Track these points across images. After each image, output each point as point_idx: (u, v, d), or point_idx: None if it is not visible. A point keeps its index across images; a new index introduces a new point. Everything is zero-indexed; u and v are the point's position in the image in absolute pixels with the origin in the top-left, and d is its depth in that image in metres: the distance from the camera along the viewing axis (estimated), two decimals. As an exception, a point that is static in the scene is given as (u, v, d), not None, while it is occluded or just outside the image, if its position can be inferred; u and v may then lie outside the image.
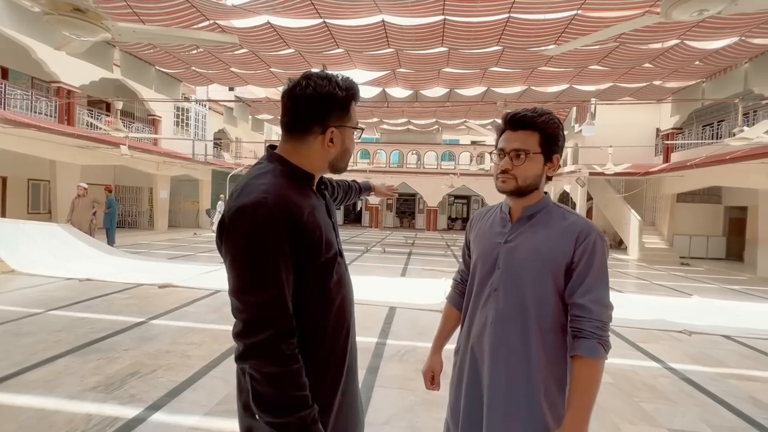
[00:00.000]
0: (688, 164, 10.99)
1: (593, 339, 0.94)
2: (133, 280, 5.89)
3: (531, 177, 1.04)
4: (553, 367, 1.00)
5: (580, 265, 0.97)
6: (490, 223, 1.16)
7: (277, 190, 0.82)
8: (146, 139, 13.90)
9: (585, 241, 0.97)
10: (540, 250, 1.01)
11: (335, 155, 0.94)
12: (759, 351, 3.92)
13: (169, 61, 10.05)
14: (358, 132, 0.99)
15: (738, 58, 8.45)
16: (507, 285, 1.04)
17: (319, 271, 0.88)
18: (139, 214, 16.86)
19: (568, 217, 1.04)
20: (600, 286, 0.96)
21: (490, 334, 1.04)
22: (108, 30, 2.02)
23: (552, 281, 0.99)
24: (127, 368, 2.92)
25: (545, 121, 1.03)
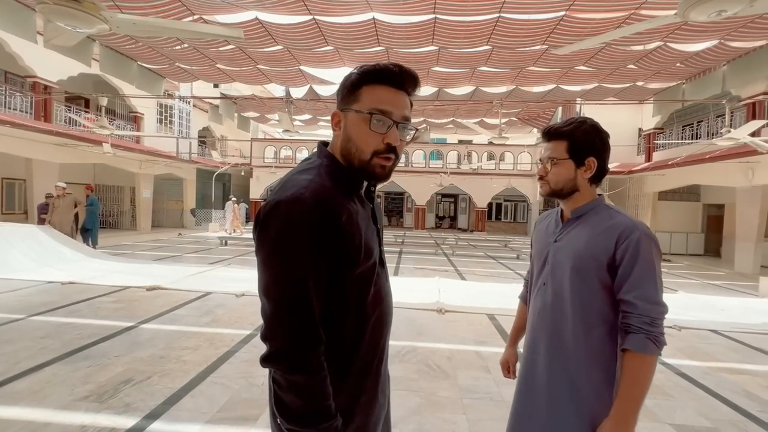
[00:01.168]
0: (669, 163, 11.32)
1: (641, 334, 0.97)
2: (119, 283, 5.70)
3: (562, 181, 1.13)
4: (599, 359, 1.04)
5: (623, 262, 1.01)
6: (546, 225, 1.26)
7: (317, 187, 0.76)
8: (128, 136, 13.48)
9: (627, 240, 1.01)
10: (582, 249, 1.07)
11: (341, 143, 0.84)
12: (746, 345, 4.06)
13: (151, 56, 9.75)
14: (379, 119, 0.80)
15: (717, 60, 8.73)
16: (553, 281, 1.12)
17: (356, 282, 0.81)
18: (121, 214, 16.36)
19: (615, 217, 1.08)
20: (646, 282, 0.99)
21: (539, 326, 1.15)
22: (106, 21, 1.91)
23: (596, 278, 1.04)
24: (120, 375, 2.81)
25: (572, 129, 1.11)
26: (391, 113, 0.81)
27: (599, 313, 1.05)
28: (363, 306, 0.83)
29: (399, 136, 0.83)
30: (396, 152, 0.84)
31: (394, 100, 0.82)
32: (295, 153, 23.38)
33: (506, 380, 2.97)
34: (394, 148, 0.83)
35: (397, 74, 0.82)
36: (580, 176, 1.12)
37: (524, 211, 23.61)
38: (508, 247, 13.32)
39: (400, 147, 0.84)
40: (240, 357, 3.23)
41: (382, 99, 0.81)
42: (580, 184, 1.13)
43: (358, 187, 0.87)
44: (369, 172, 0.83)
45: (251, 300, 5.11)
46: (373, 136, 0.81)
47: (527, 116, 16.04)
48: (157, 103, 16.11)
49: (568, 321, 1.08)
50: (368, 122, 0.80)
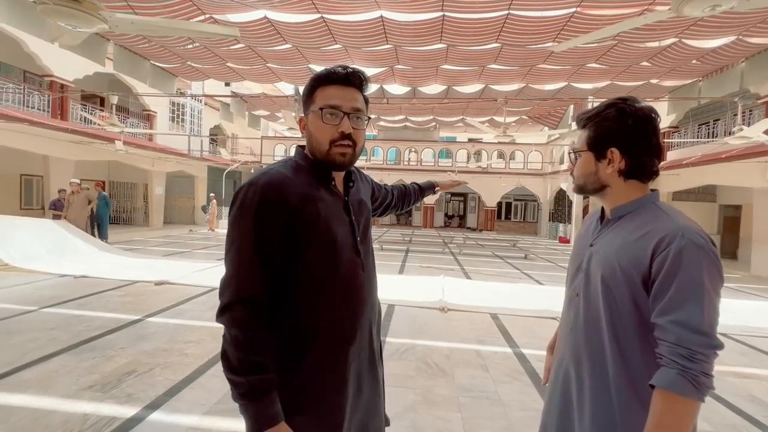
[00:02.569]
0: (684, 163, 11.06)
1: (672, 368, 0.77)
2: (128, 277, 5.83)
3: (583, 176, 0.99)
4: (638, 387, 0.85)
5: (659, 277, 0.80)
6: (588, 224, 1.09)
7: (273, 175, 0.89)
8: (141, 134, 13.75)
9: (667, 249, 0.80)
10: (612, 258, 0.89)
11: (306, 142, 0.97)
12: (755, 348, 3.95)
13: (164, 56, 9.92)
14: (331, 113, 0.91)
15: (735, 57, 8.49)
16: (586, 291, 0.96)
17: (313, 262, 0.89)
18: (134, 211, 16.71)
19: (659, 219, 0.87)
20: (688, 304, 0.78)
21: (571, 340, 0.99)
22: (105, 21, 1.96)
23: (629, 293, 0.86)
24: (124, 367, 2.88)
25: (594, 114, 0.95)
26: (341, 106, 0.91)
27: (635, 333, 0.86)
28: (323, 288, 0.90)
29: (351, 125, 0.92)
30: (352, 139, 0.93)
31: (342, 96, 0.92)
32: (305, 151, 23.54)
33: (504, 379, 2.96)
34: (349, 135, 0.92)
35: (342, 74, 0.93)
36: (602, 170, 0.95)
37: (534, 210, 23.35)
38: (516, 247, 13.20)
39: (356, 134, 0.94)
40: (241, 351, 3.28)
41: (332, 96, 0.92)
42: (607, 180, 0.95)
43: (324, 179, 0.96)
44: (330, 160, 0.93)
45: (256, 296, 5.18)
46: (328, 128, 0.92)
47: (538, 114, 15.84)
48: (170, 101, 16.39)
49: (602, 341, 0.90)
50: (321, 117, 0.92)
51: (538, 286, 6.95)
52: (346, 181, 1.01)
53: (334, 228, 0.92)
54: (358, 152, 0.96)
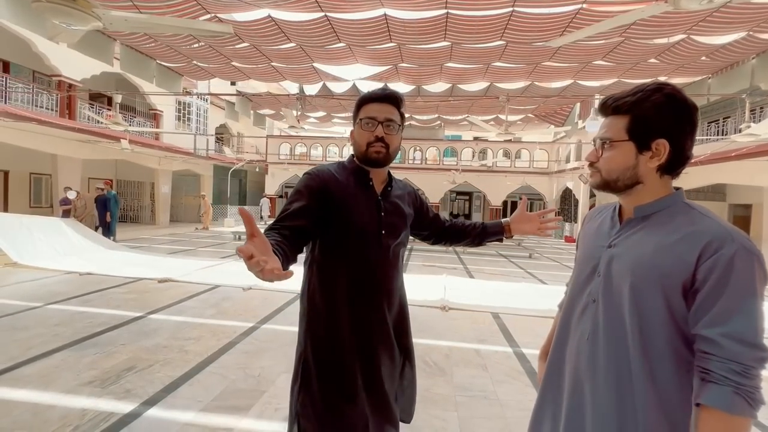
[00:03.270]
0: (693, 161, 10.87)
1: (726, 386, 0.70)
2: (133, 275, 5.89)
3: (618, 170, 0.85)
4: (667, 407, 0.78)
5: (706, 285, 0.73)
6: (599, 223, 0.98)
7: (320, 168, 1.23)
8: (147, 133, 13.88)
9: (717, 255, 0.73)
10: (647, 262, 0.80)
11: (353, 148, 1.25)
12: (763, 350, 3.87)
13: (170, 55, 10.00)
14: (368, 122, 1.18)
15: (745, 53, 8.35)
16: (607, 297, 0.86)
17: (338, 236, 1.16)
18: (141, 209, 16.90)
19: (699, 221, 0.79)
20: (740, 316, 0.71)
21: (586, 351, 0.88)
22: (99, 18, 1.98)
23: (664, 302, 0.78)
24: (124, 363, 2.91)
25: (638, 99, 0.82)
26: (376, 117, 1.17)
27: (667, 346, 0.78)
28: (339, 267, 1.17)
29: (384, 130, 1.17)
30: (385, 141, 1.17)
31: (378, 109, 1.18)
32: (310, 150, 23.58)
33: (503, 379, 2.93)
34: (382, 138, 1.17)
35: (379, 93, 1.21)
36: (643, 164, 0.84)
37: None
38: (521, 246, 13.11)
39: (389, 138, 1.18)
40: (240, 348, 3.29)
41: (370, 110, 1.19)
42: (644, 175, 0.84)
43: (362, 178, 1.23)
44: (368, 158, 1.19)
45: (258, 293, 5.19)
46: (366, 134, 1.18)
47: (544, 113, 15.71)
48: (176, 100, 16.53)
49: (628, 354, 0.81)
50: (361, 126, 1.19)
51: (542, 285, 6.90)
52: (386, 186, 1.27)
53: (358, 215, 1.17)
54: (392, 152, 1.20)
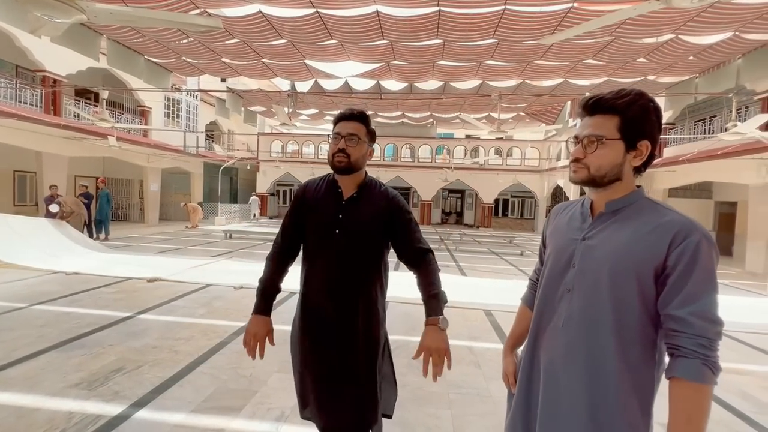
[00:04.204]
0: (681, 159, 11.07)
1: (696, 359, 0.79)
2: (121, 274, 5.79)
3: (606, 166, 0.91)
4: (637, 385, 0.87)
5: (676, 270, 0.82)
6: (568, 217, 1.05)
7: (308, 180, 1.56)
8: (135, 130, 13.65)
9: (684, 242, 0.82)
10: (622, 251, 0.88)
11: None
12: (748, 345, 3.96)
13: (158, 51, 9.82)
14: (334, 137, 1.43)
15: (731, 53, 8.47)
16: (582, 287, 0.93)
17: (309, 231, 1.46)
18: (130, 207, 16.63)
19: (666, 214, 0.89)
20: (704, 297, 0.81)
21: (561, 339, 0.95)
22: (83, 11, 1.91)
23: (637, 287, 0.86)
24: (112, 364, 2.85)
25: (628, 102, 0.90)
26: (340, 132, 1.41)
27: (638, 329, 0.87)
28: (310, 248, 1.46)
29: (346, 143, 1.39)
30: (346, 152, 1.39)
31: (343, 126, 1.42)
32: (302, 147, 23.43)
33: (496, 376, 2.95)
34: (344, 149, 1.39)
35: (347, 113, 1.45)
36: (627, 163, 0.92)
37: (531, 207, 23.36)
38: (513, 243, 13.21)
39: (350, 149, 1.39)
40: (231, 348, 3.26)
41: (338, 127, 1.43)
42: (625, 173, 0.92)
43: (332, 186, 1.48)
44: (333, 166, 1.42)
45: (249, 293, 5.14)
46: (332, 146, 1.42)
47: (535, 111, 15.80)
48: (165, 97, 16.27)
49: (603, 337, 0.89)
50: (330, 140, 1.44)
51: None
52: (354, 193, 1.45)
53: (319, 215, 1.43)
54: (354, 161, 1.40)
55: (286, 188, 25.16)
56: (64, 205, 7.92)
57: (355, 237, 1.39)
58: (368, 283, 1.41)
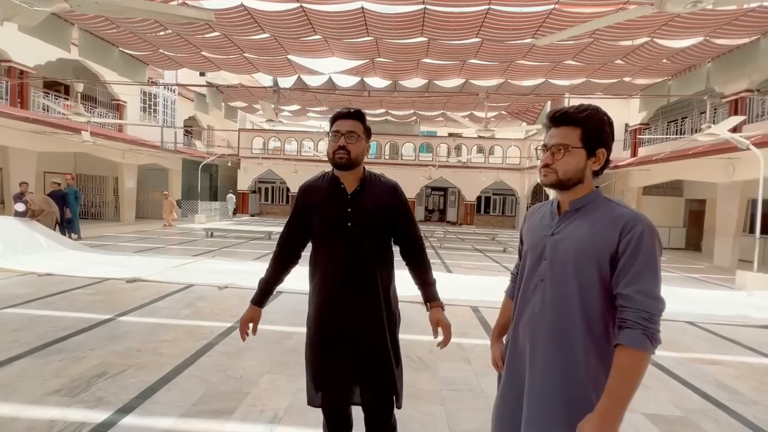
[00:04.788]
0: (654, 159, 11.49)
1: (637, 329, 0.93)
2: (98, 275, 5.57)
3: (572, 171, 1.06)
4: (602, 356, 1.00)
5: (624, 255, 0.97)
6: (540, 217, 1.20)
7: (306, 181, 1.62)
8: (110, 125, 13.13)
9: (631, 232, 0.97)
10: (584, 241, 1.03)
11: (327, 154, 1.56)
12: (719, 336, 4.17)
13: (134, 43, 9.46)
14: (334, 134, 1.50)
15: (702, 57, 8.83)
16: (553, 276, 1.07)
17: (317, 227, 1.54)
18: (104, 205, 16.00)
19: (617, 209, 1.04)
20: (647, 277, 0.95)
21: (537, 323, 1.09)
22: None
23: (597, 272, 1.00)
24: (94, 369, 2.75)
25: (588, 116, 1.05)
26: (339, 130, 1.49)
27: (600, 308, 1.01)
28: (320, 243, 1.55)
29: (346, 140, 1.47)
30: (346, 149, 1.47)
31: (342, 124, 1.49)
32: (284, 144, 23.09)
33: (486, 372, 2.99)
34: (344, 146, 1.46)
35: (344, 112, 1.52)
36: (588, 167, 1.07)
37: (512, 204, 23.80)
38: (495, 240, 13.44)
39: (350, 146, 1.47)
40: (219, 350, 3.19)
41: (336, 125, 1.50)
42: (585, 176, 1.08)
43: (333, 183, 1.55)
44: (335, 163, 1.49)
45: (234, 292, 5.05)
46: (332, 144, 1.49)
47: (516, 110, 16.07)
48: (141, 90, 15.70)
49: (572, 318, 1.02)
50: (330, 138, 1.51)
51: (517, 278, 7.10)
52: (357, 186, 1.53)
53: (329, 212, 1.51)
54: (354, 157, 1.47)
55: (268, 185, 24.75)
56: (31, 204, 7.54)
57: (366, 227, 1.49)
58: (383, 267, 1.53)
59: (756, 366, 3.39)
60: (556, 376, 1.03)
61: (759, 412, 2.57)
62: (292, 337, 3.54)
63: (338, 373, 1.50)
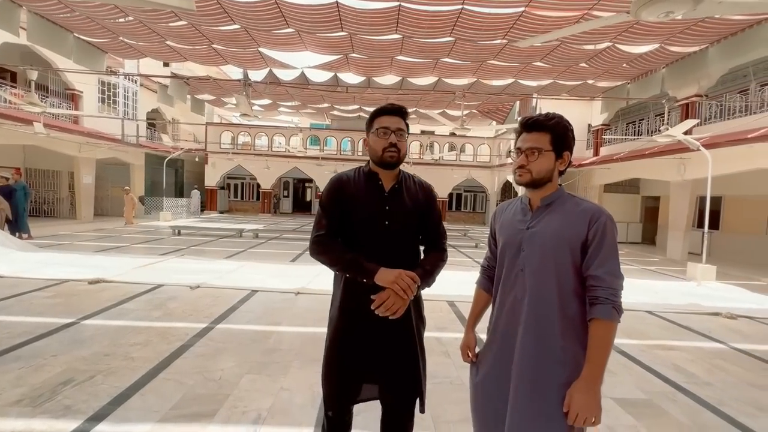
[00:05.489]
0: (614, 158, 12.14)
1: (608, 304, 1.10)
2: (56, 276, 5.23)
3: (544, 171, 1.21)
4: (577, 332, 1.16)
5: (593, 243, 1.14)
6: (512, 213, 1.33)
7: (339, 175, 1.53)
8: (65, 116, 12.27)
9: (597, 223, 1.14)
10: (559, 233, 1.18)
11: (369, 154, 1.48)
12: (675, 323, 4.49)
13: (90, 29, 8.88)
14: (383, 131, 1.42)
15: (658, 62, 9.41)
16: (532, 265, 1.20)
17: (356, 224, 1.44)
18: (59, 202, 14.97)
19: (581, 203, 1.21)
20: (611, 259, 1.13)
21: (519, 308, 1.21)
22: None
23: (570, 257, 1.16)
24: (58, 376, 2.59)
25: (555, 123, 1.21)
26: (389, 127, 1.43)
27: (573, 289, 1.16)
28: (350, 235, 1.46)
29: (397, 137, 1.43)
30: (397, 147, 1.42)
31: (390, 121, 1.44)
32: (254, 139, 22.48)
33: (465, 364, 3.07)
34: (395, 144, 1.42)
35: (390, 108, 1.46)
36: (556, 168, 1.23)
37: (483, 201, 24.41)
38: (467, 236, 13.75)
39: (400, 144, 1.43)
40: (195, 351, 3.09)
41: (383, 121, 1.44)
42: (553, 176, 1.23)
43: (372, 178, 1.49)
44: (384, 161, 1.43)
45: (207, 292, 4.89)
46: (381, 141, 1.43)
47: (487, 109, 16.46)
48: (99, 80, 14.76)
49: (551, 301, 1.16)
50: (377, 134, 1.44)
51: (490, 273, 7.31)
52: (395, 184, 1.48)
53: (367, 208, 1.44)
54: (402, 156, 1.44)
55: (238, 182, 24.02)
56: None
57: (403, 225, 1.45)
58: (415, 267, 1.46)
59: (707, 350, 3.69)
60: (539, 355, 1.16)
61: (711, 392, 2.81)
62: (270, 337, 3.49)
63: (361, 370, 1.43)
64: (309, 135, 22.75)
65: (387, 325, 1.38)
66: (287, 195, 25.40)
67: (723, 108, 10.23)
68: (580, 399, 1.09)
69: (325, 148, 22.33)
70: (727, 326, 4.46)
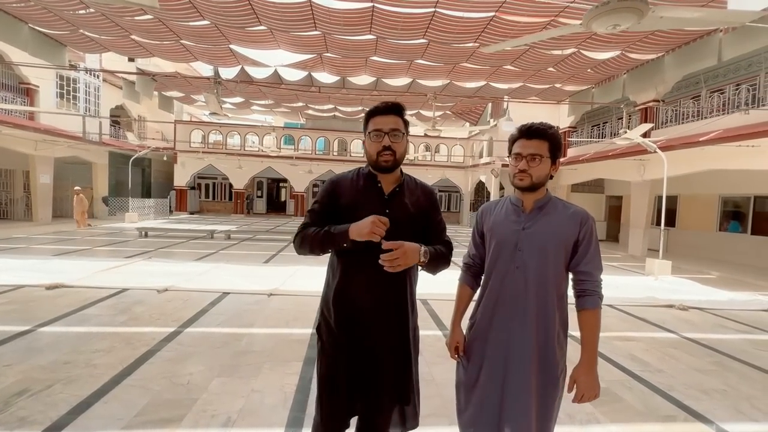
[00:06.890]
0: (581, 159, 12.67)
1: (594, 296, 1.30)
2: (8, 282, 4.93)
3: (542, 176, 1.32)
4: (564, 321, 1.34)
5: (583, 242, 1.31)
6: (504, 213, 1.42)
7: (338, 176, 1.48)
8: (19, 112, 11.55)
9: (585, 224, 1.31)
10: (556, 233, 1.31)
11: (366, 156, 1.42)
12: (633, 316, 4.76)
13: (48, 20, 8.42)
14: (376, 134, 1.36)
15: (619, 69, 9.90)
16: (530, 262, 1.31)
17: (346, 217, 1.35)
18: (12, 203, 14.08)
19: (570, 207, 1.37)
20: (597, 256, 1.32)
21: (522, 303, 1.31)
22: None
23: (564, 255, 1.31)
24: (12, 387, 2.46)
25: (553, 133, 1.34)
26: (382, 128, 1.35)
27: (564, 283, 1.34)
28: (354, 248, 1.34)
29: (390, 140, 1.35)
30: (392, 149, 1.35)
31: (383, 121, 1.36)
32: (226, 138, 21.93)
33: (436, 361, 3.15)
34: (389, 146, 1.35)
35: (383, 107, 1.37)
36: (550, 173, 1.36)
37: (457, 200, 24.83)
38: (442, 236, 13.93)
39: (395, 146, 1.35)
40: (162, 356, 3.01)
41: (377, 123, 1.36)
42: (546, 181, 1.36)
43: (371, 181, 1.42)
44: (378, 165, 1.37)
45: (176, 295, 4.75)
46: (375, 145, 1.36)
47: (460, 110, 16.78)
48: (57, 74, 13.98)
49: (550, 294, 1.30)
50: (371, 137, 1.37)
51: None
52: (395, 187, 1.42)
53: (367, 211, 1.30)
54: (399, 157, 1.37)
55: (209, 181, 23.35)
56: None
57: (402, 230, 1.34)
58: (412, 272, 1.41)
59: (660, 340, 3.93)
60: (546, 342, 1.29)
61: (663, 378, 3.01)
62: (242, 339, 3.44)
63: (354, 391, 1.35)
64: (283, 134, 22.43)
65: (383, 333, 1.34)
66: (261, 195, 24.93)
67: (678, 112, 10.87)
68: (584, 381, 1.28)
69: (299, 148, 22.06)
70: (679, 317, 4.77)
